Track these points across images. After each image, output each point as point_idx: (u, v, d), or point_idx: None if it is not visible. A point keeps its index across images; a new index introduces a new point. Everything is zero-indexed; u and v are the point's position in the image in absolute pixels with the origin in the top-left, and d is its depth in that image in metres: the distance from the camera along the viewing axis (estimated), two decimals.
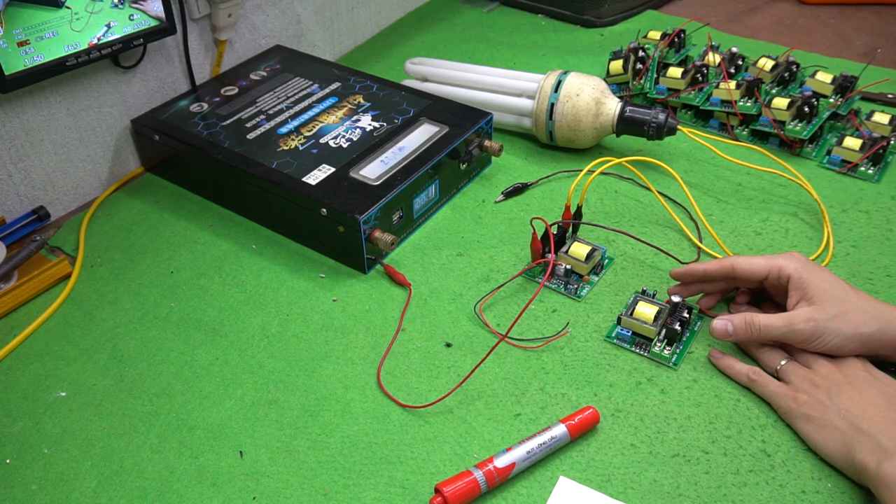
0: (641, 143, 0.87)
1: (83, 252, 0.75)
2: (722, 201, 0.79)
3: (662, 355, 0.62)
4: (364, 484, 0.54)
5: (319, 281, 0.71)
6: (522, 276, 0.70)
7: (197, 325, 0.67)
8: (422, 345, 0.64)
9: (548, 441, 0.54)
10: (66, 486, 0.54)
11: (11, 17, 0.67)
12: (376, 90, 0.87)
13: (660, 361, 0.61)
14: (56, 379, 0.62)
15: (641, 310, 0.63)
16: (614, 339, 0.63)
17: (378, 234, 0.69)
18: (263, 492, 0.54)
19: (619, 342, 0.63)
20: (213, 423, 0.58)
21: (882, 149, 0.80)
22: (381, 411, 0.59)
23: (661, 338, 0.63)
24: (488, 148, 0.82)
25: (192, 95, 0.86)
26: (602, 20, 1.14)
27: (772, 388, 0.57)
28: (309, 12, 1.02)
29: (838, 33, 1.12)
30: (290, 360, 0.63)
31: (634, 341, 0.63)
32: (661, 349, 0.62)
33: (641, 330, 0.62)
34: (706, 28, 1.09)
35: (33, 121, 0.75)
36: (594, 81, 0.83)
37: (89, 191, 0.83)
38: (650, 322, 0.62)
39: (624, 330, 0.63)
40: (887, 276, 0.69)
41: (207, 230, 0.78)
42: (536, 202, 0.80)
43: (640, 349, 0.62)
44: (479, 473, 0.52)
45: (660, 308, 0.63)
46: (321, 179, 0.72)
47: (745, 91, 0.86)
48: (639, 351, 0.62)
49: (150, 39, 0.78)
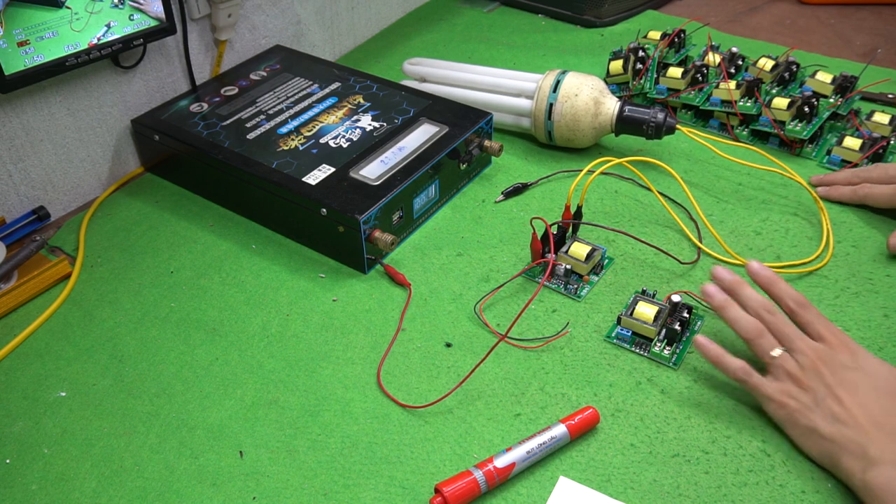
0: (641, 142, 0.87)
1: (83, 252, 0.75)
2: (722, 201, 0.79)
3: (662, 355, 0.62)
4: (364, 484, 0.54)
5: (319, 281, 0.71)
6: (522, 276, 0.70)
7: (197, 325, 0.67)
8: (422, 345, 0.64)
9: (548, 441, 0.54)
10: (66, 486, 0.54)
11: (11, 17, 0.67)
12: (376, 90, 0.87)
13: (659, 361, 0.61)
14: (56, 379, 0.62)
15: (641, 310, 0.63)
16: (614, 339, 0.63)
17: (378, 234, 0.69)
18: (263, 492, 0.54)
19: (618, 342, 0.63)
20: (213, 423, 0.58)
21: (882, 149, 0.80)
22: (381, 411, 0.59)
23: (661, 338, 0.63)
24: (488, 148, 0.82)
25: (192, 95, 0.86)
26: (602, 20, 1.14)
27: (761, 391, 0.56)
28: (309, 12, 1.02)
29: (838, 33, 1.12)
30: (290, 360, 0.63)
31: (634, 341, 0.63)
32: (661, 349, 0.62)
33: (641, 330, 0.62)
34: (706, 28, 1.09)
35: (33, 121, 0.75)
36: (593, 81, 0.83)
37: (89, 191, 0.83)
38: (650, 322, 0.62)
39: (624, 330, 0.63)
40: (887, 276, 0.69)
41: (207, 230, 0.78)
42: (536, 202, 0.80)
43: (639, 349, 0.62)
44: (478, 473, 0.52)
45: (660, 308, 0.63)
46: (321, 179, 0.72)
47: (745, 91, 0.86)
48: (638, 351, 0.62)
49: (150, 39, 0.78)
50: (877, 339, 0.63)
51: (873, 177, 0.75)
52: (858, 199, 0.76)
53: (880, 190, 0.74)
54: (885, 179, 0.74)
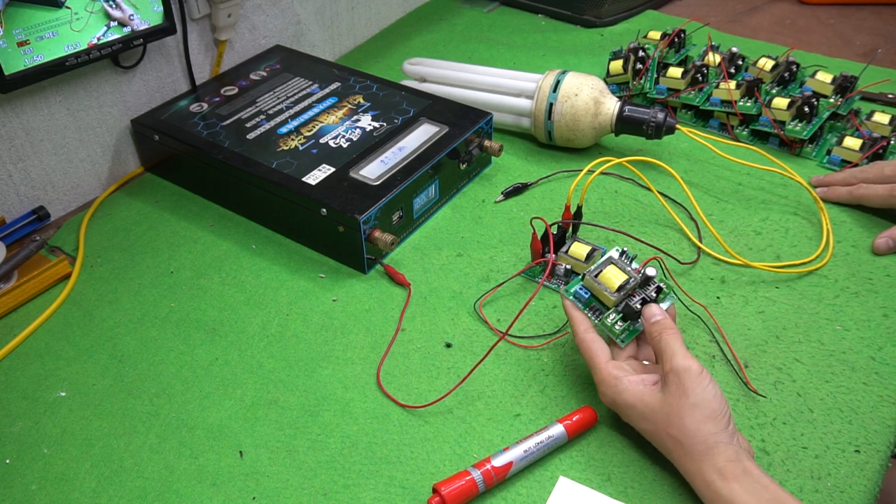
0: (641, 142, 0.87)
1: (83, 252, 0.75)
2: (722, 201, 0.79)
3: (613, 329, 0.58)
4: (364, 484, 0.54)
5: (319, 281, 0.71)
6: (522, 276, 0.70)
7: (197, 325, 0.67)
8: (422, 345, 0.64)
9: (545, 440, 0.54)
10: (66, 486, 0.54)
11: (11, 17, 0.67)
12: (376, 90, 0.87)
13: (608, 334, 0.59)
14: (56, 379, 0.62)
15: (609, 275, 0.58)
16: (571, 295, 0.59)
17: (378, 234, 0.69)
18: (263, 492, 0.54)
19: (574, 300, 0.60)
20: (213, 423, 0.58)
21: (882, 149, 0.80)
22: (380, 411, 0.59)
23: (619, 310, 0.58)
24: (488, 148, 0.82)
25: (192, 95, 0.86)
26: (602, 20, 1.14)
27: None
28: (309, 12, 1.02)
29: (838, 33, 1.12)
30: (289, 360, 0.63)
31: (590, 304, 0.59)
32: (614, 322, 0.58)
33: (601, 296, 0.58)
34: (706, 28, 1.09)
35: (33, 121, 0.75)
36: (593, 81, 0.83)
37: (89, 191, 0.83)
38: (612, 290, 0.57)
39: (583, 290, 0.59)
40: (887, 275, 0.69)
41: (207, 230, 0.78)
42: (536, 202, 0.80)
43: (592, 313, 0.59)
44: (476, 473, 0.52)
45: (629, 278, 0.58)
46: (321, 179, 0.72)
47: (745, 91, 0.86)
48: (591, 315, 0.59)
49: (149, 39, 0.78)
50: (876, 339, 0.63)
51: (869, 177, 0.76)
52: (855, 199, 0.76)
53: (875, 190, 0.74)
54: (881, 179, 0.74)
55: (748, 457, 0.49)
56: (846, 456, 0.55)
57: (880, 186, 0.74)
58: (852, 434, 0.56)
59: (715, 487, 0.48)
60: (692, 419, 0.50)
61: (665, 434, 0.52)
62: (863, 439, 0.56)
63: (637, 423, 0.54)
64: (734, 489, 0.47)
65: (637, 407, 0.53)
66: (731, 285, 0.69)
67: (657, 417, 0.52)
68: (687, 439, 0.50)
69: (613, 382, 0.54)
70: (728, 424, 0.50)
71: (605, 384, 0.55)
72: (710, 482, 0.49)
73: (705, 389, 0.50)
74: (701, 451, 0.49)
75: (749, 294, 0.68)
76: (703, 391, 0.50)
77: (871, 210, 0.76)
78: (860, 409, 0.58)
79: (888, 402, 0.58)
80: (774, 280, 0.69)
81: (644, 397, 0.53)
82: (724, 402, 0.51)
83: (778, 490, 0.47)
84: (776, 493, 0.47)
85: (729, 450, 0.49)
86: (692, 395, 0.50)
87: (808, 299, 0.67)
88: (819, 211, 0.76)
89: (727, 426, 0.50)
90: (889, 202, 0.73)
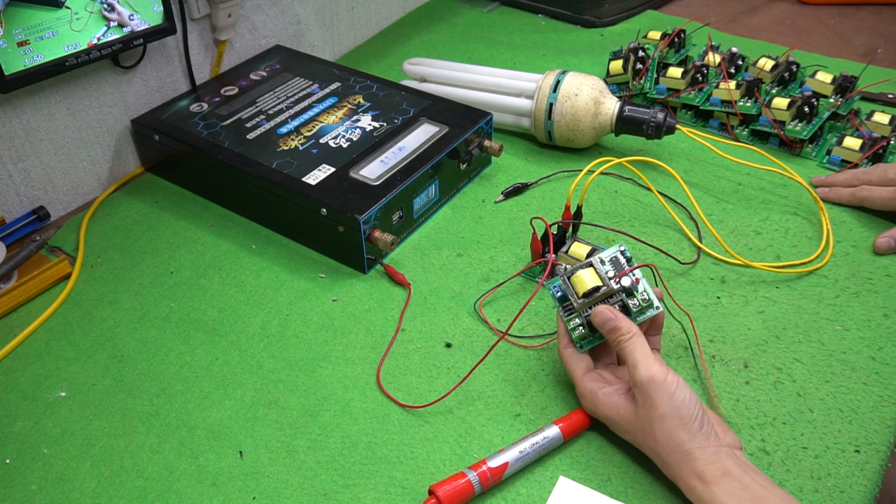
0: (641, 142, 0.87)
1: (83, 252, 0.75)
2: (722, 201, 0.79)
3: (573, 334, 0.57)
4: (364, 484, 0.54)
5: (319, 281, 0.71)
6: (522, 276, 0.70)
7: (197, 325, 0.67)
8: (422, 345, 0.64)
9: (540, 441, 0.54)
10: (66, 486, 0.54)
11: (11, 17, 0.67)
12: (376, 90, 0.87)
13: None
14: (56, 379, 0.62)
15: (582, 277, 0.56)
16: (549, 289, 0.58)
17: (378, 234, 0.69)
18: (263, 492, 0.54)
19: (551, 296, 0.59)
20: (213, 423, 0.58)
21: (882, 149, 0.80)
22: (380, 411, 0.59)
23: (584, 317, 0.57)
24: (488, 148, 0.82)
25: (192, 95, 0.86)
26: (602, 20, 1.14)
27: None
28: (309, 12, 1.02)
29: (838, 33, 1.12)
30: (289, 360, 0.63)
31: (563, 303, 0.58)
32: (576, 327, 0.57)
33: (571, 297, 0.57)
34: (706, 28, 1.09)
35: (33, 121, 0.75)
36: (593, 81, 0.83)
37: (89, 191, 0.83)
38: (578, 296, 0.56)
39: (555, 289, 0.58)
40: (887, 275, 0.69)
41: (207, 230, 0.78)
42: (536, 202, 0.80)
43: (565, 313, 0.57)
44: (472, 474, 0.52)
45: (602, 285, 0.56)
46: (321, 179, 0.72)
47: (745, 91, 0.86)
48: (562, 313, 0.57)
49: (150, 39, 0.78)
50: (876, 339, 0.63)
51: (872, 179, 0.75)
52: (857, 201, 0.76)
53: (878, 193, 0.74)
54: (884, 182, 0.74)
55: (728, 454, 0.49)
56: (846, 456, 0.55)
57: (884, 189, 0.74)
58: (852, 434, 0.56)
59: (697, 493, 0.48)
60: (662, 431, 0.50)
61: (643, 444, 0.52)
62: (863, 439, 0.56)
63: (619, 433, 0.55)
64: (714, 493, 0.48)
65: (615, 419, 0.54)
66: (732, 285, 0.69)
67: (634, 428, 0.53)
68: (661, 449, 0.50)
69: (590, 397, 0.55)
70: (701, 427, 0.50)
71: (583, 398, 0.56)
72: (692, 488, 0.49)
73: (672, 398, 0.50)
74: (677, 459, 0.50)
75: (749, 294, 0.68)
76: (670, 400, 0.50)
77: (872, 210, 0.76)
78: (860, 409, 0.58)
79: (888, 402, 0.58)
80: (774, 280, 0.69)
81: (619, 410, 0.53)
82: (693, 406, 0.50)
83: (758, 488, 0.47)
84: (756, 492, 0.47)
85: (705, 453, 0.49)
86: (659, 406, 0.50)
87: (809, 299, 0.67)
88: (819, 211, 0.76)
89: (700, 429, 0.50)
90: (892, 205, 0.73)
